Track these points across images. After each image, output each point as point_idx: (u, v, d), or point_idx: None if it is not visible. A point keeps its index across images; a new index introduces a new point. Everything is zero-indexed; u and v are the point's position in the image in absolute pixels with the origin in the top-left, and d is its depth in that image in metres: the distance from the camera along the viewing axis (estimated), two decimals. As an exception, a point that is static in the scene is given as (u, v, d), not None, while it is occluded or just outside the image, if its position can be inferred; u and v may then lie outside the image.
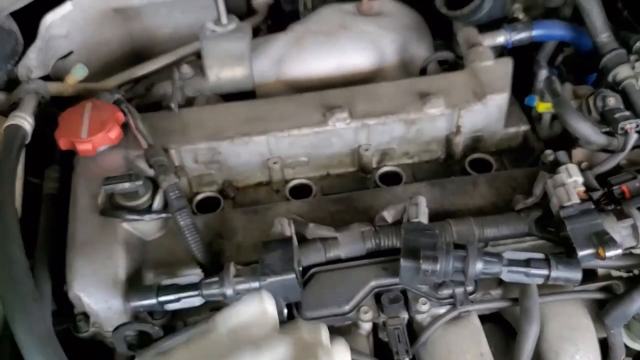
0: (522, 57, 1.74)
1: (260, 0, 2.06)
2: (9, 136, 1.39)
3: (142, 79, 1.87)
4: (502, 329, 1.35)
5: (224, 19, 1.63)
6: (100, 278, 1.26)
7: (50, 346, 1.05)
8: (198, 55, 1.93)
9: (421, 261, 1.15)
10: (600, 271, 1.34)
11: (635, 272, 1.31)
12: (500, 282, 1.33)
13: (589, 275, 1.35)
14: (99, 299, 1.26)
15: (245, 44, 1.63)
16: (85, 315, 1.33)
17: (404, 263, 1.18)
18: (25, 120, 1.43)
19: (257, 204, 1.51)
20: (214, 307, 1.27)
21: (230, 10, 1.77)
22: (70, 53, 1.93)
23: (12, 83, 1.68)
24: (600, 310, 1.30)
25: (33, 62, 1.73)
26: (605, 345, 1.31)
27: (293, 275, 1.17)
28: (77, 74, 1.69)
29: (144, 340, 1.27)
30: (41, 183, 1.53)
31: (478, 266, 1.17)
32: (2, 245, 1.16)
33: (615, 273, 1.34)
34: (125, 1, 1.95)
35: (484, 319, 1.30)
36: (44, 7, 1.82)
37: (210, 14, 2.06)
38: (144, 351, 1.23)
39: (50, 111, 1.64)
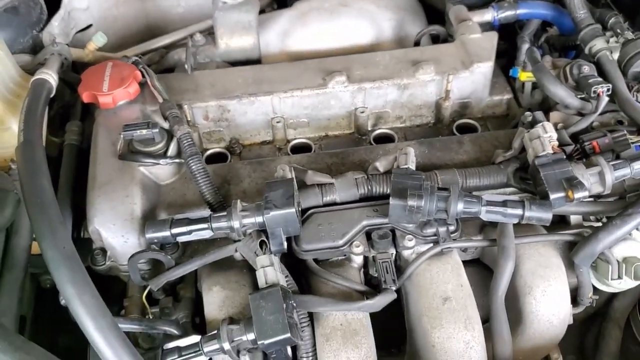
0: (511, 37, 1.89)
1: None
2: (36, 88, 1.52)
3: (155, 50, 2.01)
4: (481, 272, 1.47)
5: (234, -8, 1.77)
6: (118, 214, 1.39)
7: (73, 260, 1.17)
8: (208, 32, 2.08)
9: (408, 199, 1.28)
10: (573, 220, 1.47)
11: (604, 220, 1.44)
12: (481, 230, 1.46)
13: (563, 224, 1.49)
14: (117, 233, 1.39)
15: (253, 15, 1.77)
16: (103, 250, 1.46)
17: (393, 202, 1.31)
18: (50, 76, 1.57)
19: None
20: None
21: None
22: (89, 26, 2.08)
23: (37, 48, 1.83)
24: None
25: (56, 30, 1.87)
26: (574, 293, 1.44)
27: (293, 210, 1.30)
28: (97, 41, 1.83)
29: (155, 274, 1.41)
30: (61, 142, 1.67)
31: (459, 206, 1.30)
32: (33, 177, 1.29)
33: (586, 224, 1.48)
34: (143, -21, 2.10)
35: (466, 264, 1.43)
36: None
37: (223, -8, 2.21)
38: (156, 279, 1.36)
39: (71, 75, 1.78)
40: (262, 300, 1.22)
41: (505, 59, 1.87)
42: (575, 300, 1.44)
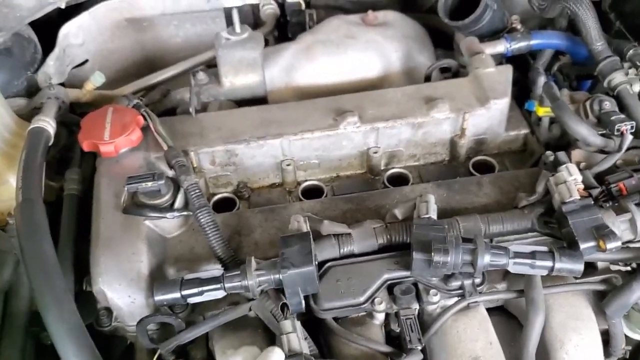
0: (520, 65, 1.83)
1: (267, 12, 2.14)
2: (33, 138, 1.45)
3: (155, 87, 1.94)
4: (507, 322, 1.41)
5: (238, 28, 1.70)
6: (125, 273, 1.32)
7: (81, 335, 1.11)
8: (208, 64, 2.02)
9: (433, 253, 1.21)
10: (600, 265, 1.41)
11: (633, 265, 1.38)
12: (504, 276, 1.40)
13: (589, 269, 1.43)
14: (123, 294, 1.32)
15: (258, 52, 1.70)
16: (108, 310, 1.39)
17: (416, 256, 1.24)
18: (48, 124, 1.50)
19: (270, 204, 1.57)
20: (231, 301, 1.34)
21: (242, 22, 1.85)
22: (85, 61, 2.00)
23: (32, 89, 1.75)
24: (600, 302, 1.38)
25: (51, 70, 1.80)
26: (605, 338, 1.38)
27: (312, 268, 1.23)
28: (95, 81, 1.76)
29: (165, 335, 1.34)
30: (60, 186, 1.59)
31: (486, 258, 1.24)
32: (34, 240, 1.22)
33: (613, 267, 1.42)
34: (139, 11, 2.03)
35: (489, 312, 1.37)
36: (60, 18, 1.90)
37: (219, 24, 2.16)
38: (167, 343, 1.29)
39: (69, 117, 1.71)
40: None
41: (517, 88, 1.81)
42: (606, 350, 1.38)
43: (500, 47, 1.76)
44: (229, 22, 2.12)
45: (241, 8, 2.14)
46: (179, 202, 1.40)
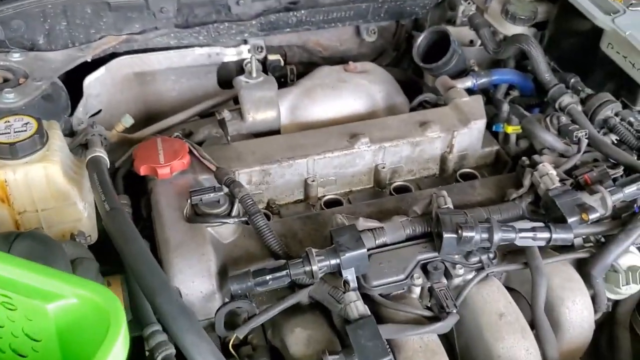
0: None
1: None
2: (95, 164, 1.63)
3: (168, 130, 2.16)
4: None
5: (254, 72, 1.98)
6: (197, 272, 1.51)
7: (188, 312, 1.28)
8: (202, 115, 2.25)
9: (461, 231, 1.50)
10: (576, 242, 1.75)
11: (602, 239, 1.73)
12: (503, 257, 1.69)
13: (570, 247, 1.76)
14: (196, 290, 1.50)
15: (274, 92, 1.99)
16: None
17: (446, 235, 1.52)
18: (102, 153, 1.69)
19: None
20: (279, 296, 1.54)
21: (226, 76, 2.15)
22: (99, 111, 2.19)
23: (67, 132, 1.93)
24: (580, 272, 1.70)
25: (81, 115, 1.99)
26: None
27: (364, 250, 1.48)
28: (126, 122, 1.96)
29: (231, 325, 1.52)
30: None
31: (500, 234, 1.54)
32: (131, 241, 1.39)
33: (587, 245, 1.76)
34: (148, 66, 2.26)
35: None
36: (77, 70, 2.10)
37: (211, 80, 2.43)
38: (243, 327, 1.47)
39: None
40: (359, 329, 1.37)
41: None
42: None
43: (468, 82, 2.15)
44: (220, 78, 2.42)
45: (228, 64, 2.43)
46: (235, 210, 1.62)
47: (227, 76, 2.40)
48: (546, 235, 1.57)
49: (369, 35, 2.49)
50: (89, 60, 2.03)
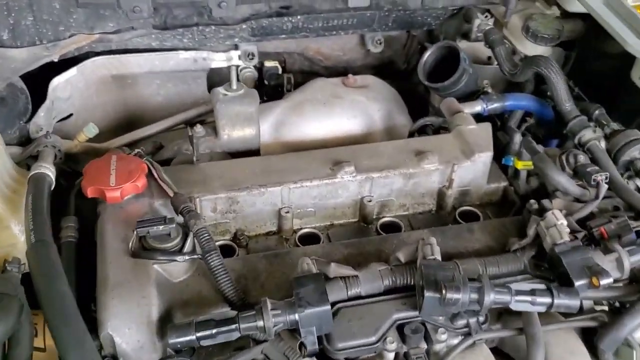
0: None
1: (246, 74, 2.22)
2: (37, 183, 1.45)
3: (142, 140, 1.96)
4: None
5: (234, 84, 1.77)
6: (134, 317, 1.31)
7: None
8: (188, 122, 2.06)
9: (445, 291, 1.27)
10: (586, 304, 1.50)
11: (616, 304, 1.48)
12: (499, 317, 1.46)
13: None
14: (132, 338, 1.30)
15: (254, 107, 1.77)
16: (113, 357, 1.35)
17: (427, 294, 1.29)
18: (48, 170, 1.51)
19: (269, 251, 1.60)
20: (237, 346, 1.34)
21: (218, 83, 1.93)
22: (69, 115, 2.01)
23: (23, 139, 1.75)
24: (586, 342, 1.46)
25: (42, 121, 1.81)
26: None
27: (328, 307, 1.27)
28: (89, 132, 1.78)
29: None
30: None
31: (492, 296, 1.30)
32: (52, 281, 1.20)
33: (597, 307, 1.51)
34: (126, 69, 2.07)
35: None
36: (49, 71, 1.92)
37: (201, 85, 2.23)
38: (178, 387, 1.27)
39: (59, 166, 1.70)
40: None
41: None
42: (599, 385, 1.45)
43: (478, 107, 1.90)
44: (211, 84, 2.21)
45: (220, 70, 2.23)
46: (188, 245, 1.41)
47: (220, 82, 2.19)
48: (547, 300, 1.33)
49: (375, 45, 2.25)
50: (55, 60, 1.84)
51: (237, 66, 2.06)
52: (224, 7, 1.80)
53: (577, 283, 1.36)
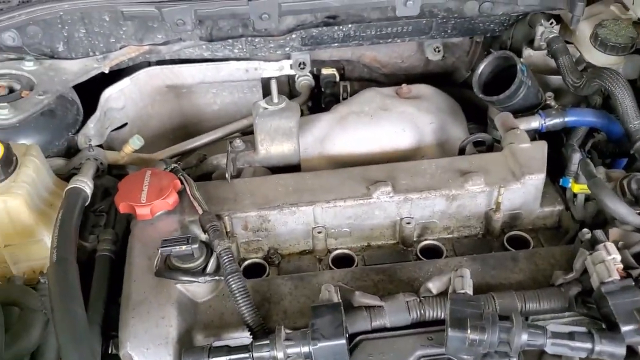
0: (552, 140, 1.82)
1: (302, 82, 2.19)
2: (70, 198, 1.48)
3: (192, 152, 1.98)
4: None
5: (275, 98, 1.73)
6: (153, 338, 1.30)
7: None
8: (243, 132, 2.06)
9: (469, 331, 1.18)
10: (640, 349, 1.36)
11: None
12: (539, 358, 1.34)
13: (630, 354, 1.37)
14: (150, 358, 1.29)
15: (294, 122, 1.73)
16: (133, 376, 1.36)
17: (451, 333, 1.21)
18: (85, 184, 1.53)
19: (300, 271, 1.56)
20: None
21: (276, 92, 1.90)
22: (124, 125, 2.05)
23: (72, 150, 1.79)
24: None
25: (91, 132, 1.85)
26: None
27: (343, 341, 1.21)
28: (134, 144, 1.79)
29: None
30: (92, 248, 1.58)
31: (523, 337, 1.20)
32: (65, 301, 1.21)
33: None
34: (179, 79, 2.09)
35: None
36: (103, 82, 1.97)
37: (256, 94, 2.22)
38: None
39: (106, 178, 1.74)
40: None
41: (549, 163, 1.80)
42: None
43: (535, 123, 1.76)
44: (266, 92, 2.19)
45: (278, 78, 2.20)
46: (211, 266, 1.39)
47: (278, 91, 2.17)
48: (587, 345, 1.21)
49: (433, 53, 2.15)
50: (105, 71, 1.89)
51: (282, 76, 2.03)
52: (266, 19, 1.76)
53: (624, 328, 1.22)
